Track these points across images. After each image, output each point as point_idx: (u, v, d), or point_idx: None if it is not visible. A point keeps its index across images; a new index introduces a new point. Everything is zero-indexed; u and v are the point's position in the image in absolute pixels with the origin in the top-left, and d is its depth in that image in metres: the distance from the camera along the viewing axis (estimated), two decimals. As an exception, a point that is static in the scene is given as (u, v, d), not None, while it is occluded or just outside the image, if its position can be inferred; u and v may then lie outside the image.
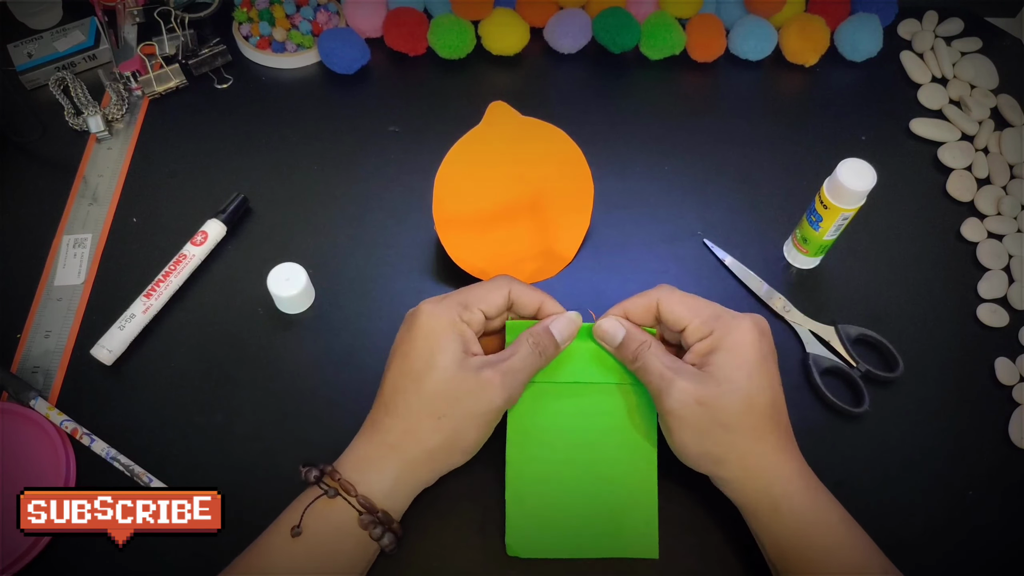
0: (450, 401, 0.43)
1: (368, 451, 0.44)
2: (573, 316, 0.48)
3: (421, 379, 0.43)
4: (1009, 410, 0.55)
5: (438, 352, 0.43)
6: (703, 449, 0.44)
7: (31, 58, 0.69)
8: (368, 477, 0.43)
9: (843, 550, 0.43)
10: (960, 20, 0.79)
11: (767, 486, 0.44)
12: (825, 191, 0.55)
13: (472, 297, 0.47)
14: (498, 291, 0.47)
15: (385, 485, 0.43)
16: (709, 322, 0.46)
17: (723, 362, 0.44)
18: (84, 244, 0.60)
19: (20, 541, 0.46)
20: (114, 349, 0.54)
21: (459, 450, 0.44)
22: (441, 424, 0.43)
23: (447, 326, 0.44)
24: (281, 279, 0.56)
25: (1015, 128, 0.71)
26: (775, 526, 0.44)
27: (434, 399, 0.43)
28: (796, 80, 0.75)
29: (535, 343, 0.45)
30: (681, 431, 0.44)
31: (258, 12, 0.72)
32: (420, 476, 0.44)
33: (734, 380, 0.44)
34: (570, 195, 0.59)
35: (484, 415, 0.44)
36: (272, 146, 0.67)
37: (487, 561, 0.48)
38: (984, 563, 0.50)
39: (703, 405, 0.43)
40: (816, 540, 0.43)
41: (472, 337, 0.45)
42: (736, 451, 0.44)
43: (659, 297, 0.47)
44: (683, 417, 0.44)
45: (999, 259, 0.63)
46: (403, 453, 0.43)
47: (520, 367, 0.45)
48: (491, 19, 0.73)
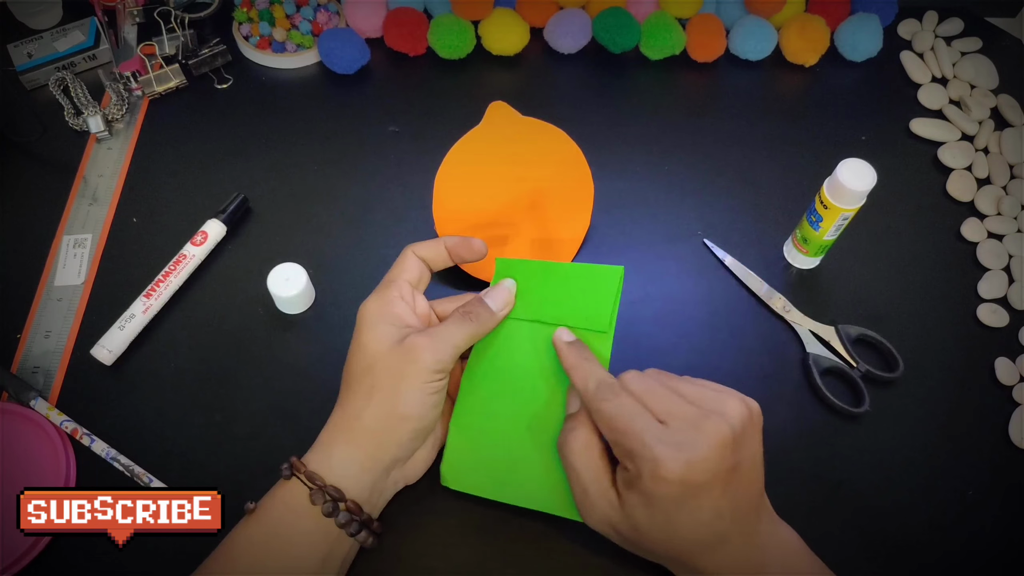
0: (378, 371, 0.44)
1: (320, 438, 0.45)
2: (508, 284, 0.48)
3: (353, 361, 0.45)
4: (1009, 410, 0.55)
5: (364, 332, 0.45)
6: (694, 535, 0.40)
7: (31, 58, 0.69)
8: (317, 457, 0.44)
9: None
10: (960, 20, 0.79)
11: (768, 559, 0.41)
12: (825, 191, 0.55)
13: (389, 275, 0.48)
14: (405, 257, 0.49)
15: (333, 463, 0.43)
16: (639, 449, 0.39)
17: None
18: (84, 244, 0.60)
19: (20, 541, 0.46)
20: (114, 349, 0.54)
21: (399, 417, 0.43)
22: (371, 393, 0.44)
23: (373, 310, 0.46)
24: (281, 279, 0.56)
25: (1015, 128, 0.71)
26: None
27: (362, 374, 0.44)
28: (796, 80, 0.75)
29: (465, 311, 0.46)
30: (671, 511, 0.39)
31: (258, 12, 0.72)
32: (368, 451, 0.44)
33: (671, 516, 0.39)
34: (570, 195, 0.59)
35: (414, 378, 0.43)
36: (272, 146, 0.67)
37: (485, 561, 0.48)
38: (984, 563, 0.50)
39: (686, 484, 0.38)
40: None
41: (405, 310, 0.46)
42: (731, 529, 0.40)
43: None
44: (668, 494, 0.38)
45: (999, 259, 0.63)
46: (345, 431, 0.44)
47: (450, 332, 0.45)
48: (491, 19, 0.73)
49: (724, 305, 0.59)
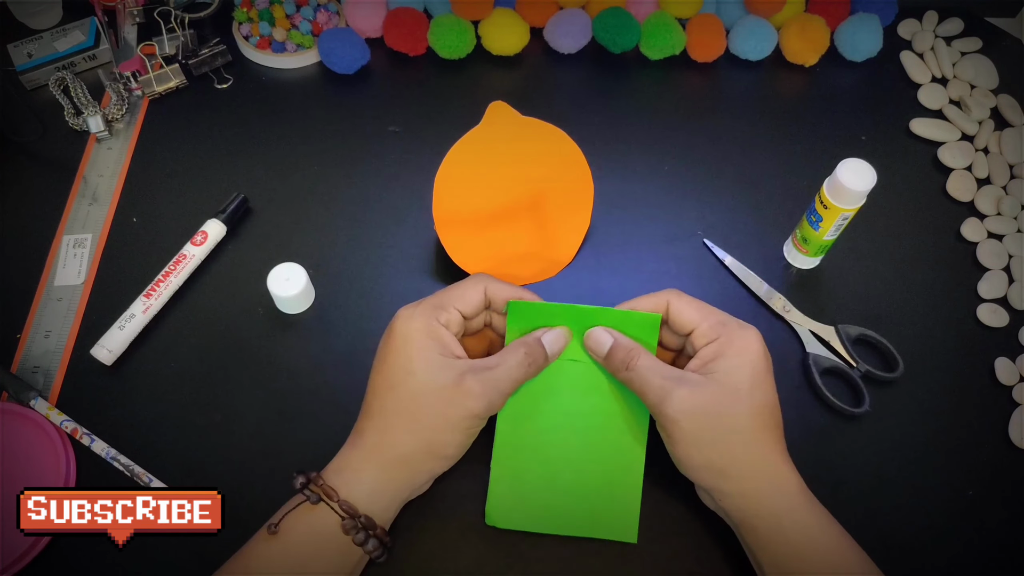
0: (426, 406, 0.42)
1: (349, 457, 0.44)
2: (565, 332, 0.47)
3: (397, 384, 0.43)
4: (1009, 410, 0.55)
5: (414, 357, 0.43)
6: (706, 460, 0.43)
7: (31, 58, 0.69)
8: (347, 480, 0.42)
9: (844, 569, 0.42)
10: (960, 20, 0.79)
11: (770, 500, 0.43)
12: (825, 191, 0.55)
13: (447, 298, 0.46)
14: (473, 289, 0.47)
15: (364, 489, 0.42)
16: (716, 327, 0.45)
17: (729, 368, 0.43)
18: (84, 244, 0.60)
19: (20, 541, 0.46)
20: (114, 349, 0.54)
21: (437, 456, 0.44)
22: (416, 428, 0.42)
23: (422, 330, 0.44)
24: (281, 279, 0.56)
25: (1015, 128, 0.71)
26: (776, 543, 0.43)
27: (409, 403, 0.43)
28: (796, 80, 0.75)
29: (528, 352, 0.45)
30: (683, 440, 0.43)
31: (258, 12, 0.72)
32: (399, 482, 0.43)
33: (741, 387, 0.43)
34: (570, 195, 0.59)
35: (461, 422, 0.43)
36: (272, 146, 0.67)
37: (487, 563, 0.48)
38: (984, 563, 0.50)
39: (707, 413, 0.42)
40: (818, 558, 0.42)
41: (451, 339, 0.45)
42: (740, 462, 0.43)
43: (669, 299, 0.47)
44: (685, 426, 0.43)
45: (999, 259, 0.63)
46: (379, 457, 0.43)
47: (505, 377, 0.44)
48: (491, 19, 0.73)
49: (724, 305, 0.58)
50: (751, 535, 0.44)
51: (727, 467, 0.43)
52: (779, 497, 0.43)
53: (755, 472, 0.43)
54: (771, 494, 0.43)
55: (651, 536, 0.49)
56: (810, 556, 0.42)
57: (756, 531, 0.43)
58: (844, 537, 0.43)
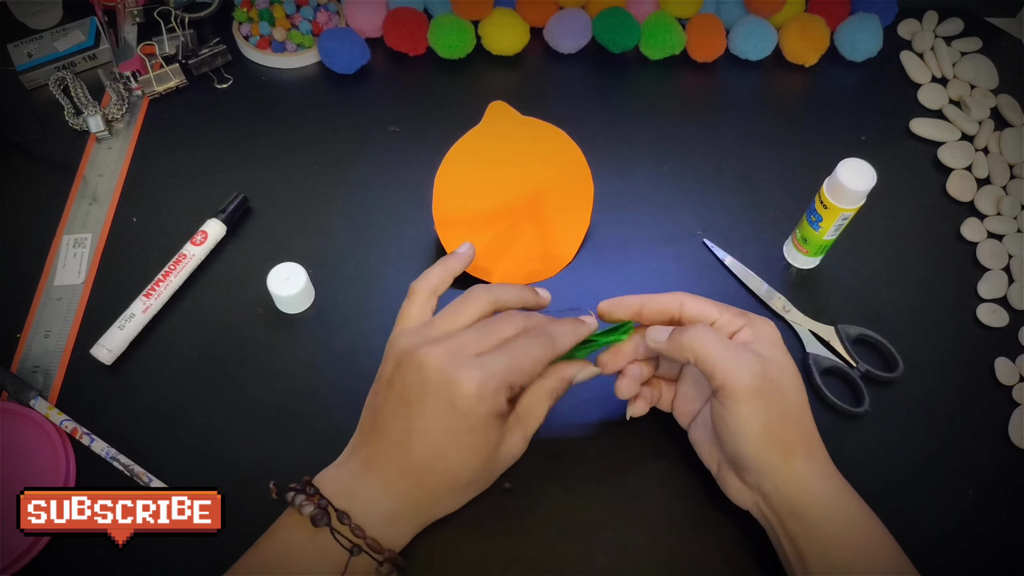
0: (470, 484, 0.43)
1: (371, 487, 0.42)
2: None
3: (442, 461, 0.41)
4: (1009, 410, 0.55)
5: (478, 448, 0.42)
6: (775, 433, 0.42)
7: (31, 58, 0.69)
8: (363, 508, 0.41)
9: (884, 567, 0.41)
10: (960, 20, 0.79)
11: (825, 482, 0.42)
12: (825, 191, 0.55)
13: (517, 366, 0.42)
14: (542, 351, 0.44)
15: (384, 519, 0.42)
16: (739, 317, 0.45)
17: (768, 355, 0.43)
18: (84, 244, 0.60)
19: (20, 541, 0.46)
20: (114, 349, 0.54)
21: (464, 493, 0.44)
22: (455, 488, 0.43)
23: (493, 412, 0.41)
24: (281, 279, 0.56)
25: (1015, 128, 0.71)
26: (827, 527, 0.41)
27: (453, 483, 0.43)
28: (796, 80, 0.75)
29: (555, 395, 0.45)
30: (756, 411, 0.41)
31: (258, 12, 0.72)
32: (425, 515, 0.44)
33: (787, 366, 0.43)
34: (570, 195, 0.59)
35: (498, 469, 0.44)
36: (272, 146, 0.67)
37: (487, 560, 0.48)
38: (985, 563, 0.50)
39: (774, 383, 0.42)
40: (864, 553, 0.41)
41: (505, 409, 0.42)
42: (802, 440, 0.42)
43: (683, 300, 0.46)
44: (761, 392, 0.41)
45: (999, 259, 0.63)
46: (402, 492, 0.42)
47: (538, 420, 0.45)
48: (491, 19, 0.73)
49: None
50: (796, 522, 0.42)
51: (794, 442, 0.42)
52: (831, 481, 0.43)
53: (812, 453, 0.43)
54: (825, 476, 0.43)
55: (652, 536, 0.49)
56: (856, 549, 0.41)
57: (805, 516, 0.42)
58: (885, 533, 0.43)
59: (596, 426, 0.53)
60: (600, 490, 0.50)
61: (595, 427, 0.53)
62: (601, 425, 0.53)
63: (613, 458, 0.52)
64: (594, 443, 0.52)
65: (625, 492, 0.50)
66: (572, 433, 0.52)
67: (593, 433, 0.53)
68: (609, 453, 0.52)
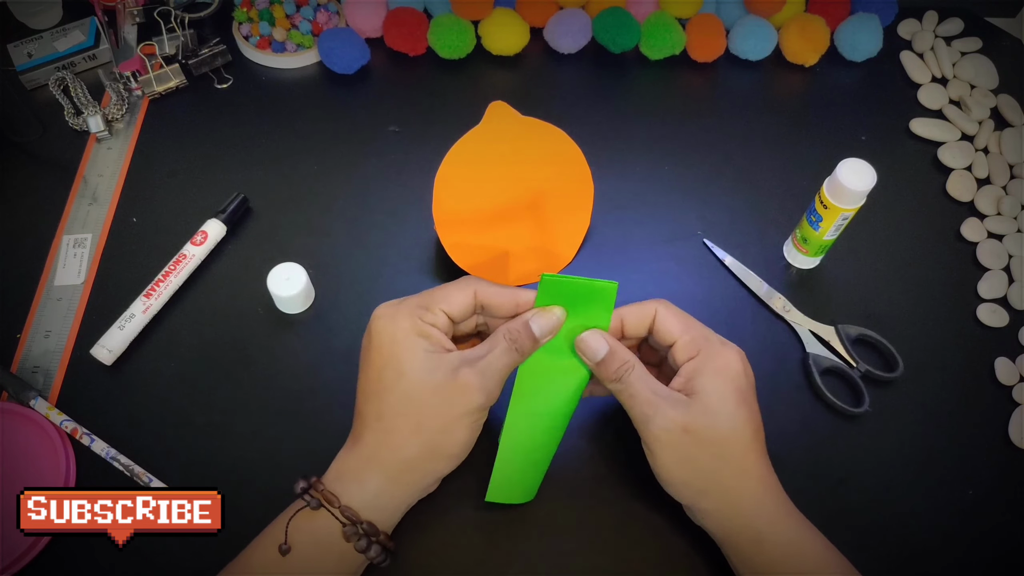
0: (424, 407, 0.42)
1: (348, 463, 0.43)
2: (558, 312, 0.45)
3: (390, 387, 0.42)
4: (1009, 410, 0.55)
5: (403, 357, 0.42)
6: (686, 478, 0.43)
7: (31, 58, 0.69)
8: (349, 489, 0.42)
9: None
10: (960, 20, 0.79)
11: (750, 518, 0.43)
12: (825, 191, 0.55)
13: (432, 299, 0.44)
14: (461, 292, 0.45)
15: (367, 497, 0.42)
16: (698, 341, 0.45)
17: (710, 388, 0.43)
18: (84, 244, 0.60)
19: (20, 541, 0.46)
20: (114, 349, 0.54)
21: (443, 456, 0.43)
22: (418, 431, 0.42)
23: (407, 328, 0.43)
24: (281, 279, 0.56)
25: (1015, 128, 0.71)
26: (758, 559, 0.43)
27: (407, 406, 0.42)
28: (796, 80, 0.75)
29: (512, 339, 0.44)
30: (665, 458, 0.43)
31: (258, 12, 0.72)
32: (405, 486, 0.43)
33: (722, 409, 0.43)
34: (570, 195, 0.59)
35: (464, 418, 0.42)
36: (272, 146, 0.67)
37: (486, 561, 0.48)
38: (985, 564, 0.50)
39: (689, 433, 0.42)
40: (800, 572, 0.42)
41: (438, 333, 0.44)
42: (720, 482, 0.43)
43: (657, 308, 0.46)
44: (668, 444, 0.43)
45: (999, 259, 0.63)
46: (382, 463, 0.42)
47: (498, 365, 0.43)
48: (491, 19, 0.73)
49: (724, 305, 0.59)
50: (733, 551, 0.44)
51: (707, 487, 0.43)
52: (760, 514, 0.43)
53: (735, 491, 0.43)
54: (751, 512, 0.43)
55: (651, 536, 0.49)
56: (792, 571, 0.42)
57: (738, 548, 0.44)
58: (828, 550, 0.43)
59: (595, 426, 0.53)
60: (600, 490, 0.50)
61: (594, 427, 0.53)
62: (600, 425, 0.53)
63: (613, 458, 0.52)
64: (594, 443, 0.52)
65: (624, 492, 0.50)
66: (571, 433, 0.52)
67: (593, 433, 0.53)
68: (609, 453, 0.52)
